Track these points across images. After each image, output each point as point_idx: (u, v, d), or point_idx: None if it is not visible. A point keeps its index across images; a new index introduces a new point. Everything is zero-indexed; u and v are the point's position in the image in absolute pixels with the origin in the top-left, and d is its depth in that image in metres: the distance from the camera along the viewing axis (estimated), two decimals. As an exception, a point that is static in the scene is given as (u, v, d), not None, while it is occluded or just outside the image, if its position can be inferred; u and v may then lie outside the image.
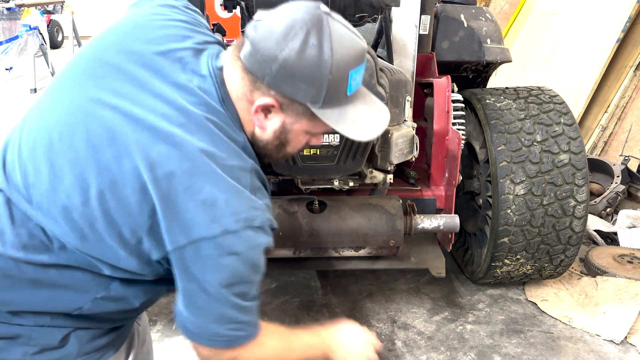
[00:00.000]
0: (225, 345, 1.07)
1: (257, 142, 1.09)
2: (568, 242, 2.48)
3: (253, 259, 1.01)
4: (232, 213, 0.97)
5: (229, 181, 0.98)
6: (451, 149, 2.32)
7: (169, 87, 1.02)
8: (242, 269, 1.00)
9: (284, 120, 1.05)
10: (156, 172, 0.95)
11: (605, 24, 4.56)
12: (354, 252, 2.15)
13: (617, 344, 2.44)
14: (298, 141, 1.12)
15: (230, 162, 1.00)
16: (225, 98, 1.05)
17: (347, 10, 1.92)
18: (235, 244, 0.97)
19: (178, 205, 0.95)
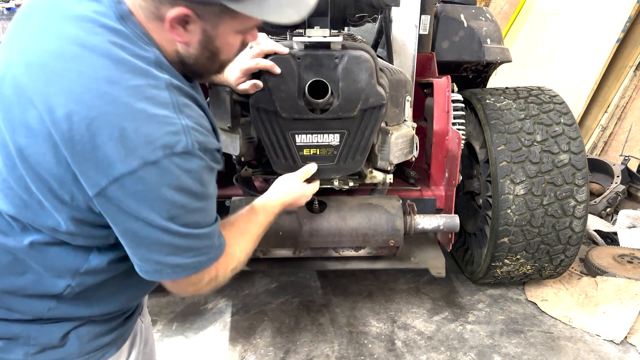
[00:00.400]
0: (191, 272, 1.02)
1: (186, 60, 1.00)
2: (568, 242, 2.48)
3: (188, 186, 0.92)
4: (147, 142, 0.87)
5: (135, 107, 0.87)
6: (451, 149, 2.31)
7: (64, 23, 0.93)
8: (178, 199, 0.91)
9: (204, 27, 0.95)
10: (55, 115, 0.87)
11: (605, 24, 4.56)
12: (354, 252, 2.14)
13: (617, 344, 2.44)
14: (230, 45, 1.02)
15: (135, 82, 0.89)
16: (125, 15, 0.94)
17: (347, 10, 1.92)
18: (159, 174, 0.88)
19: (85, 146, 0.86)
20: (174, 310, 2.70)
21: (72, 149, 0.87)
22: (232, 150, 1.97)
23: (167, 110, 0.90)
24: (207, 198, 0.99)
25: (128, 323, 1.23)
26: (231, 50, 1.05)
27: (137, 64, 0.91)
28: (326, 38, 1.80)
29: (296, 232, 2.01)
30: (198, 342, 2.45)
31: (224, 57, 1.04)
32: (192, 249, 0.99)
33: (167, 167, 0.88)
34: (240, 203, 2.06)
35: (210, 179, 0.99)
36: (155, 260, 0.98)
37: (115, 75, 0.88)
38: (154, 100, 0.89)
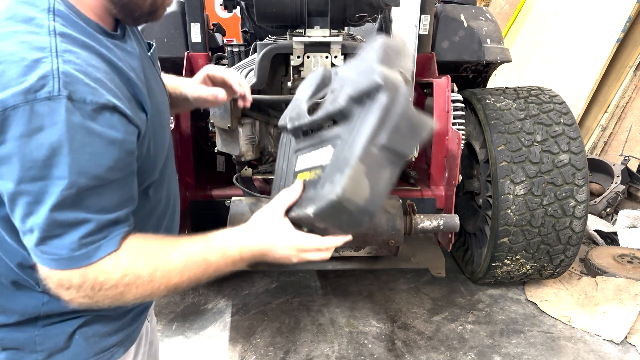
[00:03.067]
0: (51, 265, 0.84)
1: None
2: (568, 242, 2.48)
3: (52, 142, 0.77)
4: (9, 85, 0.77)
5: (4, 50, 0.79)
6: (451, 149, 2.32)
7: None
8: (39, 156, 0.78)
9: None
10: None
11: (605, 24, 4.56)
12: (354, 252, 2.15)
13: (617, 344, 2.44)
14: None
15: (13, 28, 0.82)
16: None
17: (347, 10, 1.92)
18: (19, 122, 0.76)
19: None
20: (174, 310, 2.70)
21: None
22: (232, 150, 1.98)
23: (41, 53, 0.79)
24: (76, 167, 0.80)
25: (136, 323, 1.20)
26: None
27: (23, 12, 0.84)
28: (326, 38, 1.80)
29: (296, 232, 2.01)
30: (198, 342, 2.45)
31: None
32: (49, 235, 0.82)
33: (28, 114, 0.76)
34: (240, 203, 2.07)
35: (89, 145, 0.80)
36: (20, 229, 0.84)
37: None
38: (28, 44, 0.80)
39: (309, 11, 1.81)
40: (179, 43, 2.43)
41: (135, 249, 0.90)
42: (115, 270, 0.87)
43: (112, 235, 0.87)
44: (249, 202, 2.06)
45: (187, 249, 0.96)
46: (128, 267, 0.88)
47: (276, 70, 1.91)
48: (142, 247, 0.92)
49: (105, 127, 0.81)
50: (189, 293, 2.84)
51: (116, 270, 0.87)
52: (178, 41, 2.44)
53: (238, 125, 1.92)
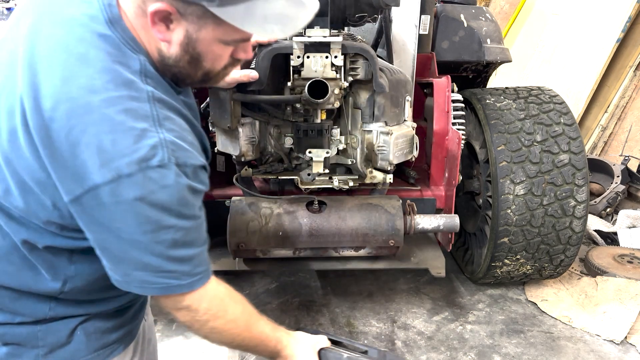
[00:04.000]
0: (158, 292, 0.99)
1: (166, 61, 0.97)
2: (568, 242, 2.48)
3: (162, 202, 0.89)
4: (123, 154, 0.86)
5: (114, 118, 0.86)
6: (451, 149, 2.31)
7: (54, 26, 0.92)
8: (151, 214, 0.89)
9: (187, 28, 0.92)
10: (35, 120, 0.87)
11: (605, 24, 4.56)
12: (354, 252, 2.14)
13: (617, 344, 2.44)
14: (214, 54, 0.98)
15: (116, 93, 0.88)
16: (114, 19, 0.93)
17: (347, 10, 1.92)
18: (133, 188, 0.86)
19: (63, 153, 0.86)
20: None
21: (51, 156, 0.87)
22: (232, 150, 1.97)
23: (146, 123, 0.88)
24: (184, 217, 0.94)
25: (135, 320, 1.22)
26: (217, 60, 1.01)
27: (122, 73, 0.90)
28: (326, 38, 1.80)
29: (296, 232, 2.01)
30: (198, 342, 2.45)
31: (207, 65, 1.00)
32: (163, 270, 0.96)
33: (141, 180, 0.87)
34: (240, 203, 2.07)
35: (190, 198, 0.94)
36: (124, 272, 0.96)
37: (97, 85, 0.87)
38: (133, 112, 0.88)
39: (309, 11, 1.81)
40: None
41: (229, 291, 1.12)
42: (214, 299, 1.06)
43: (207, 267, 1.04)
44: (249, 202, 2.06)
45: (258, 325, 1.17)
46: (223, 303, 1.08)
47: (276, 70, 1.91)
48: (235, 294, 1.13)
49: (199, 183, 0.96)
50: (189, 293, 2.84)
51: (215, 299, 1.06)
52: (178, 41, 2.44)
53: (238, 125, 1.92)
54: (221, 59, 1.00)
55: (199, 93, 2.45)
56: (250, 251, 2.07)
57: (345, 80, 1.88)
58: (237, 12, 0.87)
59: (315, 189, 2.12)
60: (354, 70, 1.91)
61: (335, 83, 1.84)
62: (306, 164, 2.08)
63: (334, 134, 2.02)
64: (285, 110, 1.99)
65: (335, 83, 1.84)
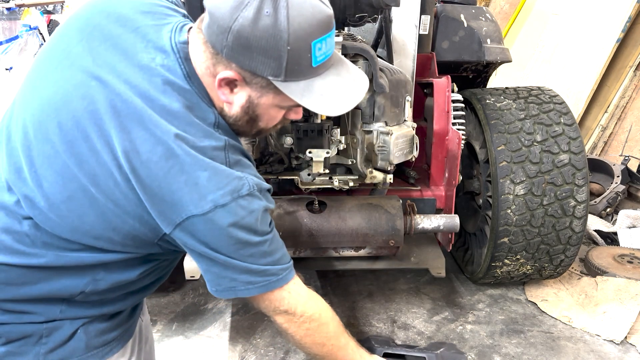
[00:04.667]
0: (263, 290, 1.10)
1: (226, 118, 1.06)
2: (568, 242, 2.48)
3: (250, 224, 1.02)
4: (218, 187, 0.97)
5: (205, 160, 0.98)
6: (451, 149, 2.31)
7: (132, 70, 0.98)
8: (242, 235, 1.01)
9: (250, 94, 1.01)
10: (133, 162, 0.95)
11: (605, 24, 4.56)
12: (354, 252, 2.14)
13: (617, 344, 2.44)
14: (270, 116, 1.08)
15: (201, 144, 0.98)
16: (191, 74, 1.01)
17: (347, 10, 1.92)
18: (228, 216, 0.98)
19: (162, 190, 0.96)
20: (174, 310, 2.70)
21: (150, 194, 0.97)
22: (232, 150, 1.97)
23: (225, 166, 1.01)
24: (265, 233, 1.07)
25: (132, 319, 1.24)
26: (271, 120, 1.10)
27: (203, 125, 1.01)
28: (326, 38, 1.80)
29: (296, 232, 2.01)
30: (198, 342, 2.45)
31: (262, 125, 1.10)
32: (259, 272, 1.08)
33: (234, 208, 0.99)
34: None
35: (267, 217, 1.08)
36: (230, 278, 1.07)
37: (185, 135, 0.97)
38: (214, 159, 0.99)
39: (309, 11, 1.81)
40: (179, 43, 2.43)
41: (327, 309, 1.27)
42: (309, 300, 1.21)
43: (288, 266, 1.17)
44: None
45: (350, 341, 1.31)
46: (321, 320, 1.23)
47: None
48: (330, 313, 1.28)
49: (271, 203, 1.10)
50: (189, 293, 2.84)
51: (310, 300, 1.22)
52: (178, 41, 2.43)
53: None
54: (275, 119, 1.10)
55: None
56: (250, 251, 2.06)
57: (345, 80, 1.87)
58: (298, 87, 0.98)
59: (315, 189, 2.12)
60: (354, 70, 1.90)
61: (335, 83, 1.84)
62: (306, 164, 2.08)
63: (334, 134, 2.02)
64: (285, 110, 1.98)
65: (335, 83, 1.84)
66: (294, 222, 2.01)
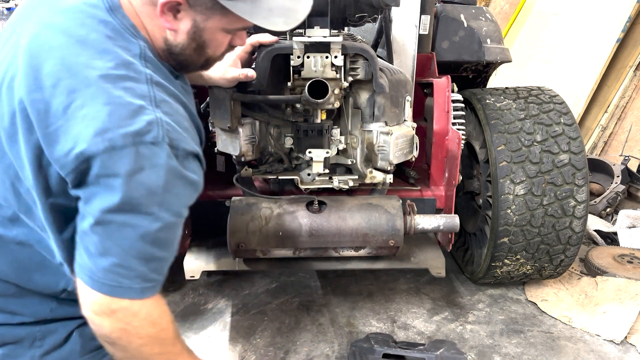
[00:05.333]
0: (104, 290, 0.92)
1: (172, 49, 1.01)
2: (568, 242, 2.48)
3: (150, 183, 0.87)
4: (118, 126, 0.86)
5: (112, 93, 0.88)
6: (451, 149, 2.31)
7: (54, 15, 0.95)
8: (136, 195, 0.87)
9: (195, 18, 0.97)
10: (36, 99, 0.88)
11: (605, 24, 4.56)
12: (354, 252, 2.14)
13: (617, 344, 2.44)
14: (217, 42, 1.04)
15: (116, 72, 0.90)
16: (114, 7, 0.96)
17: (347, 10, 1.92)
18: (124, 161, 0.86)
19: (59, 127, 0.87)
20: (174, 310, 2.70)
21: (45, 129, 0.88)
22: (232, 150, 1.98)
23: (143, 102, 0.90)
24: (165, 207, 0.91)
25: None
26: (218, 47, 1.06)
27: (121, 55, 0.93)
28: (326, 38, 1.80)
29: (296, 232, 2.01)
30: (198, 342, 2.45)
31: (210, 52, 1.06)
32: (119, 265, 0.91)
33: (132, 154, 0.86)
34: (240, 203, 2.07)
35: (178, 187, 0.92)
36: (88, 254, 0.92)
37: (97, 64, 0.90)
38: (131, 90, 0.90)
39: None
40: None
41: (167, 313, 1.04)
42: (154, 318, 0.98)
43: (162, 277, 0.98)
44: (249, 202, 2.07)
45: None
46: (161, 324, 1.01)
47: (276, 70, 1.91)
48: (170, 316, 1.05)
49: (190, 172, 0.94)
50: (189, 293, 2.84)
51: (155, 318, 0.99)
52: (178, 41, 2.43)
53: (238, 125, 1.92)
54: (222, 45, 1.06)
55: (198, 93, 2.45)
56: (250, 251, 2.07)
57: (345, 80, 1.88)
58: (245, 5, 0.93)
59: (315, 189, 2.12)
60: (354, 70, 1.91)
61: (335, 83, 1.84)
62: (306, 164, 2.08)
63: (334, 134, 2.02)
64: (285, 111, 1.99)
65: (335, 83, 1.84)
66: (294, 222, 2.01)
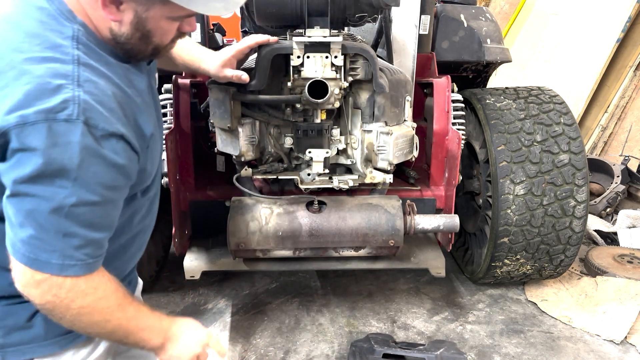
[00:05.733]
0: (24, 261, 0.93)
1: (118, 39, 1.02)
2: (568, 242, 2.48)
3: (63, 161, 0.88)
4: (32, 105, 0.87)
5: (32, 73, 0.89)
6: (451, 149, 2.32)
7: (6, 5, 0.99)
8: (49, 171, 0.88)
9: (136, 8, 0.98)
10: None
11: (605, 24, 4.56)
12: (354, 252, 2.15)
13: (617, 344, 2.44)
14: (163, 30, 1.05)
15: (41, 54, 0.92)
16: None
17: (347, 10, 1.92)
18: (36, 137, 0.86)
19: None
20: (174, 310, 2.70)
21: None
22: (232, 150, 1.98)
23: (64, 81, 0.90)
24: (82, 186, 0.91)
25: None
26: (165, 35, 1.07)
27: (51, 38, 0.95)
28: (326, 38, 1.80)
29: (296, 232, 2.01)
30: (198, 342, 2.44)
31: (157, 40, 1.06)
32: (37, 238, 0.92)
33: (44, 130, 0.87)
34: (240, 203, 2.07)
35: (95, 167, 0.92)
36: (10, 225, 0.93)
37: (24, 47, 0.92)
38: (54, 71, 0.91)
39: (309, 11, 1.81)
40: (179, 43, 2.43)
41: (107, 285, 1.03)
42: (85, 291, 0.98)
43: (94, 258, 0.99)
44: (249, 202, 2.06)
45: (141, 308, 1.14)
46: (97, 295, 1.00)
47: (276, 70, 1.91)
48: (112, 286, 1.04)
49: (111, 152, 0.94)
50: (189, 293, 2.84)
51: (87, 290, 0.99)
52: (178, 41, 2.43)
53: (238, 125, 1.92)
54: (169, 33, 1.07)
55: (199, 93, 2.46)
56: (250, 251, 2.07)
57: (345, 80, 1.88)
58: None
59: (315, 189, 2.12)
60: (354, 70, 1.91)
61: (335, 83, 1.84)
62: (306, 164, 2.08)
63: (334, 134, 2.02)
64: (285, 110, 1.99)
65: (335, 83, 1.84)
66: (294, 222, 2.01)
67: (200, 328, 1.27)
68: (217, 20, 3.03)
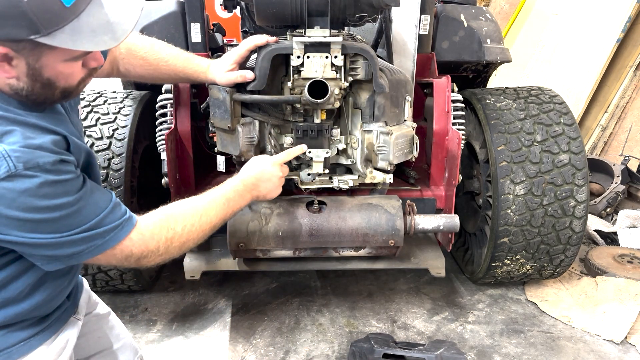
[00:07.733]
0: (89, 256, 1.10)
1: (19, 92, 1.01)
2: (568, 242, 2.48)
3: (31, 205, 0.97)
4: None
5: None
6: (451, 149, 2.31)
7: None
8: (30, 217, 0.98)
9: (27, 61, 0.97)
10: None
11: (605, 24, 4.56)
12: (354, 252, 2.14)
13: (617, 344, 2.44)
14: (65, 73, 1.03)
15: None
16: None
17: (347, 10, 1.92)
18: None
19: None
20: (174, 310, 2.70)
21: None
22: (232, 150, 1.98)
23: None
24: (62, 207, 1.01)
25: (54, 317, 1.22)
26: (70, 77, 1.05)
27: None
28: (326, 38, 1.80)
29: (296, 232, 2.01)
30: (198, 342, 2.45)
31: (62, 84, 1.04)
32: (76, 242, 1.06)
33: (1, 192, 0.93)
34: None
35: (55, 191, 1.00)
36: (47, 255, 1.05)
37: None
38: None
39: (309, 11, 1.81)
40: (179, 43, 2.43)
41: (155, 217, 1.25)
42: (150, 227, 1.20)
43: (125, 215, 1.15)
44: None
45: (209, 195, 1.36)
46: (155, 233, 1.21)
47: (276, 70, 1.91)
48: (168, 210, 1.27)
49: (59, 174, 1.01)
50: (189, 293, 2.84)
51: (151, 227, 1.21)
52: (178, 41, 2.43)
53: (238, 125, 1.92)
54: (74, 74, 1.05)
55: (199, 93, 2.46)
56: (250, 251, 2.07)
57: (345, 80, 1.88)
58: (65, 35, 0.92)
59: (315, 189, 2.12)
60: (354, 70, 1.91)
61: (335, 83, 1.84)
62: (306, 164, 2.08)
63: (334, 134, 2.02)
64: (285, 110, 1.99)
65: (335, 83, 1.84)
66: (294, 222, 2.01)
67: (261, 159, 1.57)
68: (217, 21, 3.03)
